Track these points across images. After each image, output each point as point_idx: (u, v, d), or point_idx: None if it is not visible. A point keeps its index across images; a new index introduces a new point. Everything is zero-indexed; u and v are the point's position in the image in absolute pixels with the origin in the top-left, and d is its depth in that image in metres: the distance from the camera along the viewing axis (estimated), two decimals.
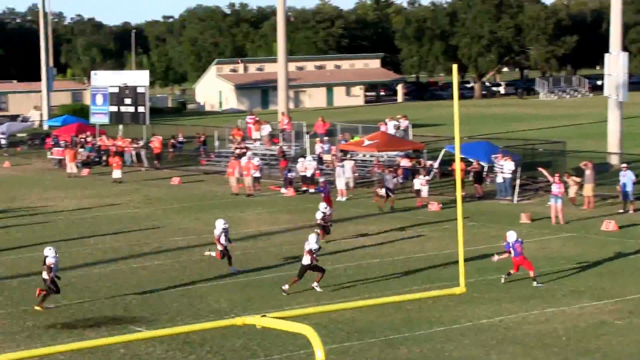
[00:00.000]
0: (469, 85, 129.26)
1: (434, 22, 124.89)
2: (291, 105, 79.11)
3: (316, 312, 12.83)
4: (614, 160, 45.60)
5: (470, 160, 41.87)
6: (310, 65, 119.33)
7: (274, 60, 72.22)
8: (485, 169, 42.26)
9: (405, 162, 43.97)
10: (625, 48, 53.03)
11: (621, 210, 35.54)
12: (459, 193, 14.25)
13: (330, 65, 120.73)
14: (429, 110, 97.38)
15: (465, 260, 19.41)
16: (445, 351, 19.47)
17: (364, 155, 47.93)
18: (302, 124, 53.49)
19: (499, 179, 39.74)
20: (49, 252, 23.46)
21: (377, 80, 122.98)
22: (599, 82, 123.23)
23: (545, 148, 45.55)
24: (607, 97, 49.74)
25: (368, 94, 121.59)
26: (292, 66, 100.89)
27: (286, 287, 24.18)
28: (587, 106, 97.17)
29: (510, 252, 24.81)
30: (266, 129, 52.97)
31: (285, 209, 38.26)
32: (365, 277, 25.88)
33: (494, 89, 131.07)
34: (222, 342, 20.06)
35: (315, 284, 24.27)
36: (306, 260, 24.17)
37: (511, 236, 24.85)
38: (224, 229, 26.49)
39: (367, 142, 45.03)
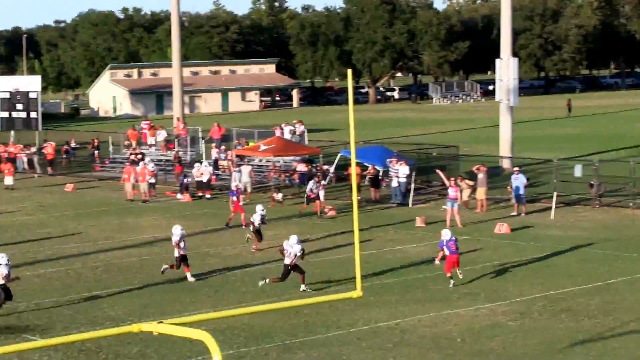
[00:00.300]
0: (363, 90, 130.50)
1: (328, 28, 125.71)
2: (186, 111, 78.72)
3: (213, 317, 12.81)
4: (505, 163, 46.60)
5: (366, 164, 42.24)
6: (205, 71, 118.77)
7: (169, 66, 71.79)
8: (381, 173, 42.70)
9: (301, 167, 44.10)
10: (515, 53, 54.26)
11: (514, 213, 36.36)
12: (355, 197, 14.35)
13: (225, 70, 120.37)
14: (324, 115, 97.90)
15: (362, 264, 19.57)
16: (343, 355, 19.57)
17: (260, 160, 47.92)
18: (198, 129, 53.19)
19: (394, 183, 40.19)
20: (1, 260, 22.89)
21: (273, 85, 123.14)
22: (490, 87, 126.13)
23: (439, 152, 46.28)
24: (498, 102, 50.85)
25: (263, 99, 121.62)
26: (187, 71, 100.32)
27: (264, 282, 24.67)
28: (479, 111, 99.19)
29: (443, 251, 25.09)
30: (161, 135, 52.50)
31: (181, 214, 37.96)
32: (262, 282, 25.82)
33: (388, 94, 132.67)
34: (119, 349, 19.80)
35: (302, 286, 24.43)
36: (287, 260, 24.39)
37: (445, 234, 25.18)
38: (182, 234, 26.12)
39: (263, 147, 45.02)
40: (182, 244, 26.12)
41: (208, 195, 42.37)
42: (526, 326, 21.29)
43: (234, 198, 35.02)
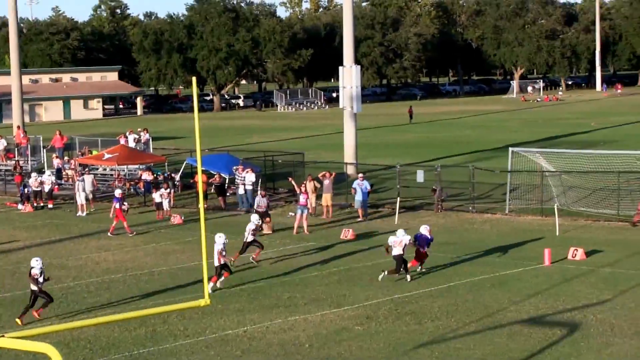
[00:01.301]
0: (208, 98, 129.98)
1: (172, 35, 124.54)
2: (27, 119, 76.49)
3: (57, 330, 12.43)
4: (350, 170, 47.25)
5: (212, 172, 42.05)
6: (45, 78, 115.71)
7: (7, 73, 69.74)
8: (227, 181, 42.57)
9: (146, 176, 43.49)
10: (357, 61, 55.16)
11: (359, 219, 36.90)
12: (201, 206, 14.25)
13: (66, 77, 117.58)
14: (169, 123, 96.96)
15: (209, 272, 19.44)
16: None
17: (104, 169, 47.01)
18: (39, 138, 51.78)
19: (241, 191, 40.14)
20: (35, 263, 22.78)
21: (116, 92, 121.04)
22: (334, 94, 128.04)
23: (285, 159, 46.52)
24: (342, 109, 51.56)
25: (107, 107, 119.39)
26: (26, 79, 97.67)
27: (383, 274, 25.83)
28: (324, 118, 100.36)
29: (414, 243, 26.40)
30: (1, 144, 50.91)
31: (22, 225, 36.84)
32: (108, 293, 25.34)
33: (233, 101, 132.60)
34: None
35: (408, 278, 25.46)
36: (396, 251, 25.94)
37: (423, 229, 26.79)
38: (224, 243, 25.57)
39: (107, 156, 44.19)
40: (223, 253, 25.60)
41: (50, 205, 41.31)
42: (372, 330, 21.59)
43: (117, 205, 34.19)
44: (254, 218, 29.19)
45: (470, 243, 31.44)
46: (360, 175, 38.35)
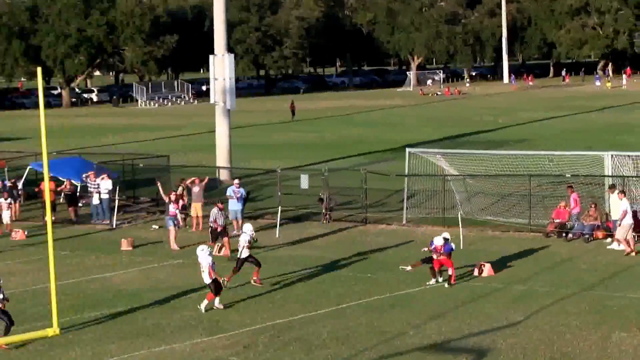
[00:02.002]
0: (56, 92, 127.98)
1: (12, 19, 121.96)
2: None
3: None
4: (223, 175, 47.12)
5: (62, 179, 41.39)
6: None
7: None
8: (79, 189, 41.97)
9: None
10: (230, 49, 55.15)
11: (235, 233, 36.71)
12: (49, 218, 13.99)
13: None
14: (10, 121, 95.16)
15: (59, 296, 19.04)
16: None
17: None
18: None
19: (95, 200, 39.61)
20: None
21: None
22: (204, 88, 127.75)
23: (148, 163, 46.09)
24: (213, 104, 51.38)
25: None
26: None
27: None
28: (193, 115, 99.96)
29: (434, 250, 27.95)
30: None
31: None
32: None
33: (86, 95, 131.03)
34: None
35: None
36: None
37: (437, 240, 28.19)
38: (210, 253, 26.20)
39: None
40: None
41: None
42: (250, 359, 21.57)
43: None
44: (248, 228, 28.33)
45: (363, 258, 31.71)
46: (236, 181, 38.28)
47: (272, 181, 43.18)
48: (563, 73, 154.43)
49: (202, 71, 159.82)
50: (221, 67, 49.78)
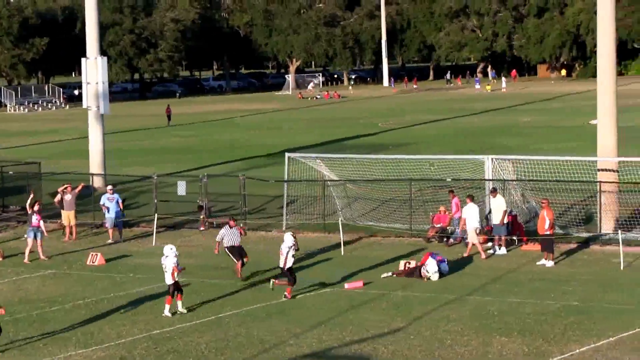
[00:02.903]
0: None
1: None
2: None
3: None
4: (97, 182, 46.52)
5: None
6: None
7: None
8: None
9: None
10: (103, 52, 54.53)
11: (109, 241, 36.40)
12: None
13: None
14: None
15: None
16: None
17: None
18: None
19: None
20: None
21: None
22: (76, 92, 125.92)
23: (17, 170, 45.26)
24: (86, 109, 50.74)
25: None
26: None
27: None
28: (65, 120, 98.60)
29: None
30: None
31: None
32: None
33: None
34: None
35: None
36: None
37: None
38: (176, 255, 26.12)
39: None
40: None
41: None
42: None
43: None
44: (289, 237, 27.79)
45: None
46: (109, 187, 37.86)
47: (148, 188, 42.83)
48: (448, 76, 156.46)
49: (74, 75, 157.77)
50: (94, 71, 49.25)
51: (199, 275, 30.35)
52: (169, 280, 26.03)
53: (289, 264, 27.56)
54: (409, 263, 30.26)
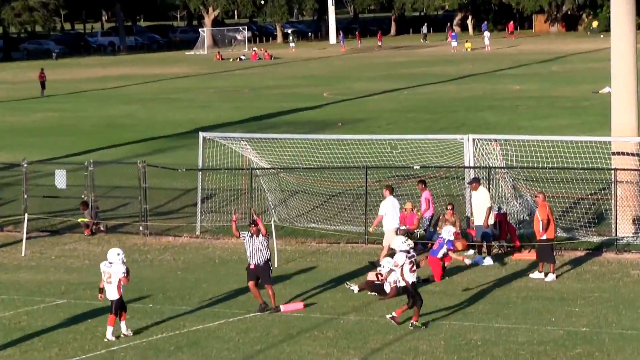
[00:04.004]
0: None
1: None
2: None
3: None
4: None
5: None
6: None
7: None
8: None
9: None
10: None
11: None
12: None
13: None
14: None
15: None
16: None
17: None
18: None
19: None
20: None
21: None
22: None
23: None
24: None
25: None
26: None
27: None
28: None
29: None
30: None
31: None
32: None
33: None
34: None
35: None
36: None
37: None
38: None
39: None
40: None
41: None
42: None
43: None
44: (400, 244, 27.46)
45: (142, 284, 31.49)
46: None
47: (15, 179, 42.49)
48: (424, 29, 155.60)
49: None
50: None
51: (81, 297, 30.14)
52: (113, 295, 26.13)
53: (411, 278, 27.01)
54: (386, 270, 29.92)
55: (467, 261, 32.14)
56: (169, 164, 43.41)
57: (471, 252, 33.76)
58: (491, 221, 33.28)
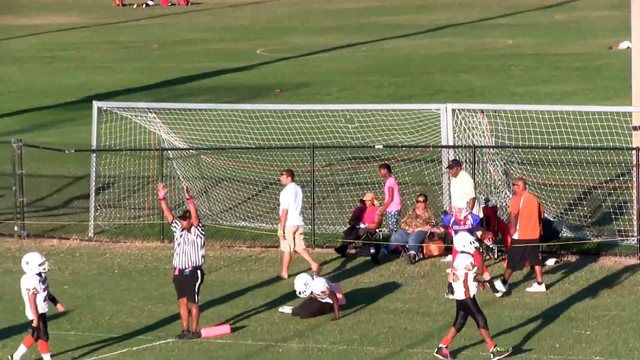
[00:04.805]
0: None
1: None
2: None
3: None
4: None
5: None
6: None
7: None
8: None
9: None
10: None
11: None
12: None
13: None
14: None
15: None
16: None
17: None
18: None
19: None
20: None
21: None
22: None
23: None
24: None
25: None
26: None
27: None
28: None
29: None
30: None
31: None
32: None
33: None
34: None
35: None
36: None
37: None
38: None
39: None
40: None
41: None
42: None
43: None
44: (468, 243, 27.66)
45: (18, 302, 31.26)
46: None
47: None
48: None
49: None
50: None
51: None
52: (29, 314, 26.45)
53: (472, 290, 26.97)
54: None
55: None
56: (53, 144, 43.33)
57: (450, 257, 33.81)
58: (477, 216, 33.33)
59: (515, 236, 31.47)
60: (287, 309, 30.16)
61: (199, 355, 27.28)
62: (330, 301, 29.48)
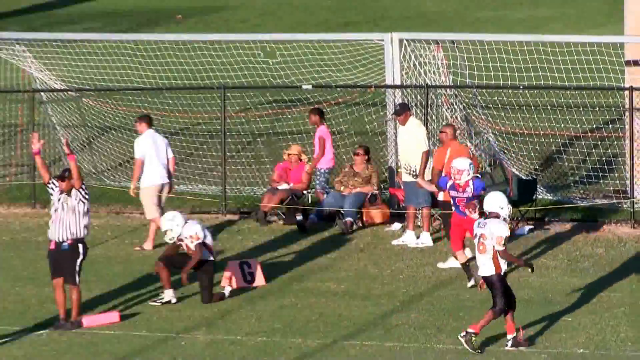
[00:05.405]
0: None
1: None
2: None
3: None
4: None
5: None
6: None
7: None
8: None
9: None
10: None
11: None
12: None
13: None
14: None
15: None
16: None
17: None
18: None
19: None
20: None
21: None
22: None
23: None
24: None
25: None
26: None
27: None
28: None
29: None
30: None
31: None
32: None
33: None
34: None
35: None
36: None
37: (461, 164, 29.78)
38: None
39: None
40: None
41: None
42: None
43: None
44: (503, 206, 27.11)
45: None
46: None
47: None
48: None
49: None
50: None
51: None
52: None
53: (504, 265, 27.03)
54: None
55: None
56: None
57: (396, 225, 33.87)
58: (429, 174, 33.27)
59: (441, 197, 31.37)
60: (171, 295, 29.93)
61: (80, 349, 27.16)
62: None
